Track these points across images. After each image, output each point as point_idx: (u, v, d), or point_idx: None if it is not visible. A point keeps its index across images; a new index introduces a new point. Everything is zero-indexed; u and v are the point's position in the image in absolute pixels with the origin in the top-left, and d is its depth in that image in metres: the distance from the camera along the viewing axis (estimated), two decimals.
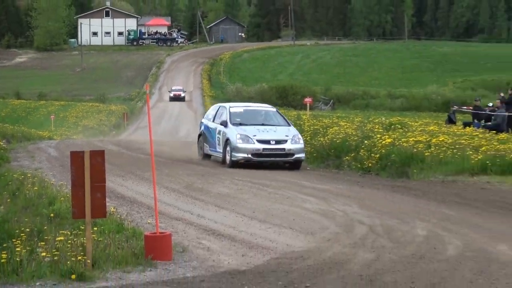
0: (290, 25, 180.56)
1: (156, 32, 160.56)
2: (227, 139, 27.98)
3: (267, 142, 20.12)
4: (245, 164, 26.88)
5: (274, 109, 31.72)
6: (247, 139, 22.75)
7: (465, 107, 61.60)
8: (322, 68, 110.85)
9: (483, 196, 24.88)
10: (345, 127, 42.32)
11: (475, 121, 46.63)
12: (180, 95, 54.47)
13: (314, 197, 24.44)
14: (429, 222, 19.15)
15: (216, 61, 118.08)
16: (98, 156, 12.88)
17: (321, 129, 43.43)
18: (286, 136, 21.11)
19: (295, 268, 12.85)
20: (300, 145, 19.46)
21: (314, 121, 48.10)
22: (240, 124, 28.14)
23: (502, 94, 48.90)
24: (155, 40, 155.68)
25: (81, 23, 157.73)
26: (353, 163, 33.73)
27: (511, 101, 47.02)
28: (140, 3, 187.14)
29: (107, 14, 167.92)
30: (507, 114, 43.59)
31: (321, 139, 38.14)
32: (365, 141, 36.24)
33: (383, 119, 50.25)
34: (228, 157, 27.88)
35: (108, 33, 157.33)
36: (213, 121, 32.33)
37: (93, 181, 12.59)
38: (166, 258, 13.08)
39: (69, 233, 13.89)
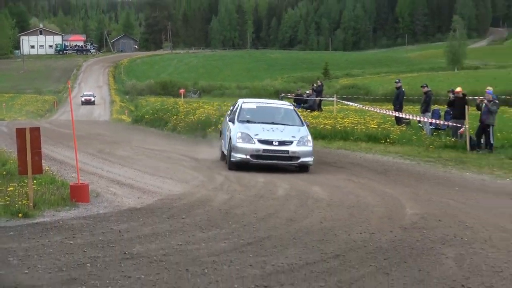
0: (169, 39, 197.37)
1: (76, 45, 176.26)
2: (230, 138, 23.14)
3: (269, 142, 15.73)
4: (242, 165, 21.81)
5: (291, 107, 25.41)
6: (248, 138, 18.23)
7: (289, 95, 71.63)
8: (191, 69, 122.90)
9: None
10: (208, 109, 47.32)
11: (296, 104, 51.81)
12: (90, 99, 55.26)
13: (188, 157, 27.10)
14: (267, 173, 19.96)
15: (118, 65, 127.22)
16: (35, 131, 14.84)
17: (191, 110, 47.27)
18: (293, 137, 16.55)
19: (175, 206, 14.96)
20: (308, 147, 15.50)
21: (186, 105, 50.32)
22: (248, 122, 22.90)
23: (314, 85, 57.68)
24: (75, 51, 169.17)
25: (22, 39, 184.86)
26: (213, 133, 35.92)
27: (320, 90, 56.79)
28: (64, 25, 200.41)
29: (41, 33, 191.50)
30: (317, 99, 53.43)
31: (192, 117, 42.81)
32: (221, 118, 36.18)
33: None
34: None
35: (42, 46, 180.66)
36: (228, 116, 27.33)
37: (32, 148, 14.71)
38: (85, 201, 14.97)
39: (16, 185, 15.73)
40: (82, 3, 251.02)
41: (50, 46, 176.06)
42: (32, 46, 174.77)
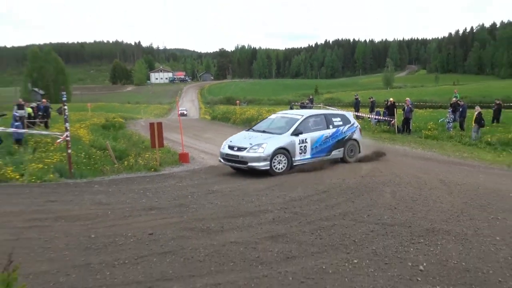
0: (230, 73, 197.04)
1: (179, 78, 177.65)
2: None
3: (231, 148, 13.09)
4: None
5: (297, 117, 14.28)
6: (225, 144, 14.11)
7: (296, 103, 55.41)
8: (242, 89, 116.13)
9: None
10: (251, 112, 37.86)
11: (300, 108, 47.11)
12: (184, 113, 54.76)
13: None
14: None
15: (203, 88, 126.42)
16: (159, 124, 15.09)
17: (243, 112, 35.02)
18: (251, 144, 12.64)
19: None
20: (257, 154, 12.05)
21: (240, 109, 49.14)
22: (252, 130, 15.47)
23: (310, 97, 50.03)
24: (179, 80, 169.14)
25: (151, 74, 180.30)
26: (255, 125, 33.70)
27: (312, 100, 47.81)
28: (173, 66, 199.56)
29: (161, 71, 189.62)
30: (312, 105, 44.75)
31: (243, 116, 35.43)
32: (260, 117, 35.94)
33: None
34: None
35: (161, 78, 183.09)
36: None
37: (158, 133, 14.86)
38: (186, 162, 14.96)
39: (150, 153, 15.54)
40: (182, 54, 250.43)
41: (166, 78, 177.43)
42: (156, 78, 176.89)
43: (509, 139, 18.20)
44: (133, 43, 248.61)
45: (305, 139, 12.74)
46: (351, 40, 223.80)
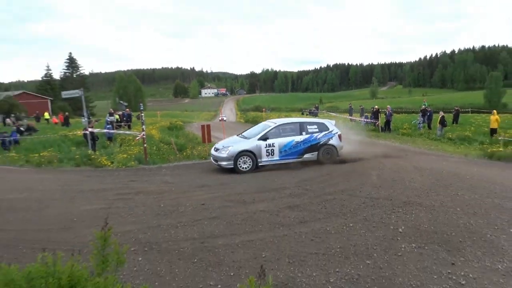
0: (258, 89, 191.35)
1: (222, 93, 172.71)
2: None
3: (215, 150, 11.69)
4: None
5: (273, 124, 12.29)
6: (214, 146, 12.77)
7: (306, 110, 47.70)
8: (267, 100, 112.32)
9: None
10: (274, 116, 37.48)
11: (309, 114, 42.82)
12: (223, 118, 52.37)
13: None
14: None
15: (239, 100, 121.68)
16: (208, 125, 15.20)
17: (268, 116, 39.41)
18: (223, 146, 11.54)
19: None
20: (223, 155, 11.00)
21: (265, 114, 48.77)
22: (239, 135, 13.61)
23: (316, 105, 47.01)
24: (221, 95, 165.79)
25: (201, 91, 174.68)
26: None
27: (318, 107, 46.39)
28: (217, 84, 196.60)
29: (208, 88, 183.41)
30: (317, 112, 43.02)
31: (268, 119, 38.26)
32: None
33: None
34: None
35: (209, 93, 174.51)
36: None
37: (207, 132, 14.97)
38: None
39: (201, 147, 15.39)
40: (224, 76, 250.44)
41: (212, 93, 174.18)
42: (205, 93, 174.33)
43: (465, 135, 17.84)
44: (189, 68, 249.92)
45: (273, 144, 11.22)
46: (346, 64, 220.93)
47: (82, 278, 2.23)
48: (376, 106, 24.99)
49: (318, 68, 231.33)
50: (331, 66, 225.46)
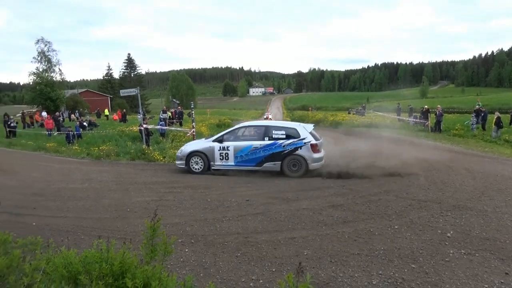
0: (305, 88, 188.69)
1: (269, 91, 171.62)
2: None
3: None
4: None
5: (236, 126, 11.24)
6: None
7: (352, 109, 45.81)
8: (313, 99, 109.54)
9: None
10: (320, 115, 36.32)
11: (355, 112, 38.77)
12: (268, 117, 50.76)
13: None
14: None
15: (285, 98, 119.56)
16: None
17: (314, 115, 36.97)
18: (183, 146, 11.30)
19: None
20: (178, 154, 10.47)
21: (311, 113, 47.66)
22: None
23: (363, 105, 44.29)
24: (269, 93, 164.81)
25: (250, 89, 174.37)
26: (321, 124, 29.52)
27: (364, 107, 41.41)
28: (264, 84, 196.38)
29: (256, 87, 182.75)
30: (364, 111, 38.31)
31: (314, 118, 32.91)
32: (325, 119, 32.74)
33: None
34: None
35: (257, 92, 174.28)
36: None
37: None
38: None
39: None
40: (271, 75, 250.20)
41: (260, 92, 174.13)
42: (253, 92, 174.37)
43: None
44: (238, 68, 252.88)
45: (227, 147, 9.92)
46: (395, 63, 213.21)
47: (132, 265, 2.31)
48: (426, 106, 23.90)
49: (366, 67, 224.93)
50: (379, 65, 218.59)
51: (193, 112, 14.62)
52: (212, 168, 10.01)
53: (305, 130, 9.79)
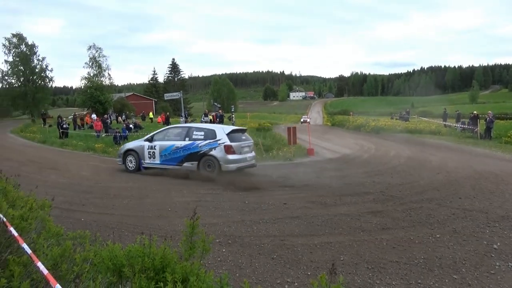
0: (346, 92, 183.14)
1: (310, 96, 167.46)
2: None
3: None
4: None
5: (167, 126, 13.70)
6: None
7: (395, 114, 43.43)
8: (354, 104, 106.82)
9: None
10: (361, 120, 34.76)
11: (399, 118, 35.88)
12: (306, 120, 49.41)
13: (353, 138, 22.92)
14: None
15: (326, 103, 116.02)
16: (294, 128, 15.35)
17: (354, 120, 35.82)
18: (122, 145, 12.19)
19: (346, 158, 14.44)
20: (118, 152, 11.61)
21: (352, 118, 46.64)
22: None
23: (407, 109, 41.68)
24: (309, 98, 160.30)
25: (290, 93, 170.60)
26: (364, 127, 29.13)
27: (408, 112, 40.57)
28: (305, 87, 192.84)
29: (296, 91, 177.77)
30: (408, 116, 36.61)
31: (355, 123, 32.89)
32: (367, 124, 31.22)
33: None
34: None
35: (297, 96, 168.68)
36: None
37: (293, 134, 15.19)
38: (312, 155, 15.09)
39: (287, 148, 15.56)
40: (312, 79, 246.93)
41: (300, 96, 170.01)
42: (293, 96, 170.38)
43: None
44: (278, 72, 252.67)
45: (154, 146, 10.50)
46: (442, 66, 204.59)
47: (172, 261, 2.43)
48: (475, 112, 22.73)
49: (411, 71, 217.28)
50: (425, 68, 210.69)
51: (233, 115, 14.91)
52: (142, 166, 10.56)
53: (222, 132, 10.03)
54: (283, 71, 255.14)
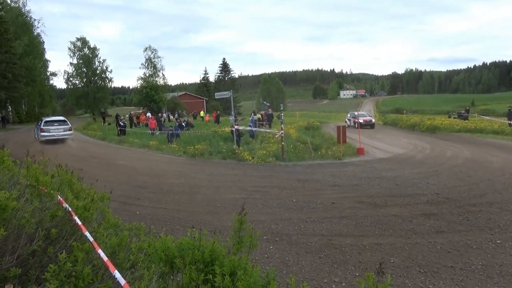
0: (399, 90, 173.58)
1: (360, 94, 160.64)
2: None
3: None
4: None
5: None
6: None
7: (453, 113, 40.08)
8: (408, 102, 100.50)
9: None
10: (415, 119, 32.91)
11: (457, 116, 34.35)
12: (366, 119, 47.18)
13: (404, 137, 21.22)
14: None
15: (378, 101, 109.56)
16: (343, 127, 15.12)
17: (411, 118, 36.21)
18: None
19: (398, 158, 13.38)
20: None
21: (406, 117, 44.23)
22: None
23: (467, 108, 37.81)
24: (360, 96, 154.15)
25: (341, 92, 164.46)
26: (406, 125, 26.89)
27: (468, 110, 36.92)
28: (356, 86, 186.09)
29: (347, 89, 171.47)
30: (467, 115, 33.94)
31: (412, 121, 31.87)
32: (421, 122, 29.07)
33: None
34: None
35: (347, 94, 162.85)
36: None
37: (343, 133, 14.95)
38: (362, 154, 14.60)
39: (336, 147, 15.46)
40: (364, 77, 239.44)
41: (351, 94, 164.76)
42: (344, 94, 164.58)
43: None
44: (329, 70, 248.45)
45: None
46: (508, 61, 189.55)
47: (220, 254, 2.50)
48: None
49: (472, 67, 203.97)
50: (488, 64, 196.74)
51: (282, 114, 14.90)
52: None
53: (42, 121, 18.44)
54: (333, 69, 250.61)
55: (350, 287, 3.73)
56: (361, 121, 25.70)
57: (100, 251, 2.21)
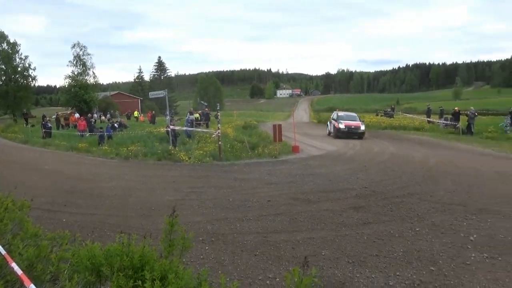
0: (333, 90, 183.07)
1: (296, 93, 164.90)
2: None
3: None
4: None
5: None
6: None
7: (380, 111, 42.50)
8: (340, 101, 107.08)
9: None
10: None
11: (384, 114, 36.52)
12: (358, 126, 47.76)
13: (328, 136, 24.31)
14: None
15: (312, 100, 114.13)
16: (279, 125, 15.36)
17: None
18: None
19: (330, 154, 14.05)
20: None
21: None
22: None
23: (392, 106, 40.19)
24: (296, 95, 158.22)
25: (277, 91, 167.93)
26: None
27: (393, 109, 38.72)
28: (291, 85, 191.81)
29: (283, 89, 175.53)
30: (393, 112, 37.80)
31: None
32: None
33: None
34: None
35: (284, 94, 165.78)
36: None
37: (278, 132, 15.21)
38: (297, 152, 14.94)
39: (272, 146, 15.38)
40: (299, 77, 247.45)
41: (287, 94, 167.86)
42: (280, 94, 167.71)
43: None
44: (265, 70, 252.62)
45: None
46: (427, 63, 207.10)
47: (151, 259, 2.44)
48: (457, 108, 23.22)
49: (396, 68, 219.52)
50: (410, 66, 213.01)
51: (218, 114, 14.87)
52: None
53: None
54: (270, 69, 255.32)
55: (284, 282, 3.83)
56: (342, 126, 20.21)
57: (13, 264, 2.05)
